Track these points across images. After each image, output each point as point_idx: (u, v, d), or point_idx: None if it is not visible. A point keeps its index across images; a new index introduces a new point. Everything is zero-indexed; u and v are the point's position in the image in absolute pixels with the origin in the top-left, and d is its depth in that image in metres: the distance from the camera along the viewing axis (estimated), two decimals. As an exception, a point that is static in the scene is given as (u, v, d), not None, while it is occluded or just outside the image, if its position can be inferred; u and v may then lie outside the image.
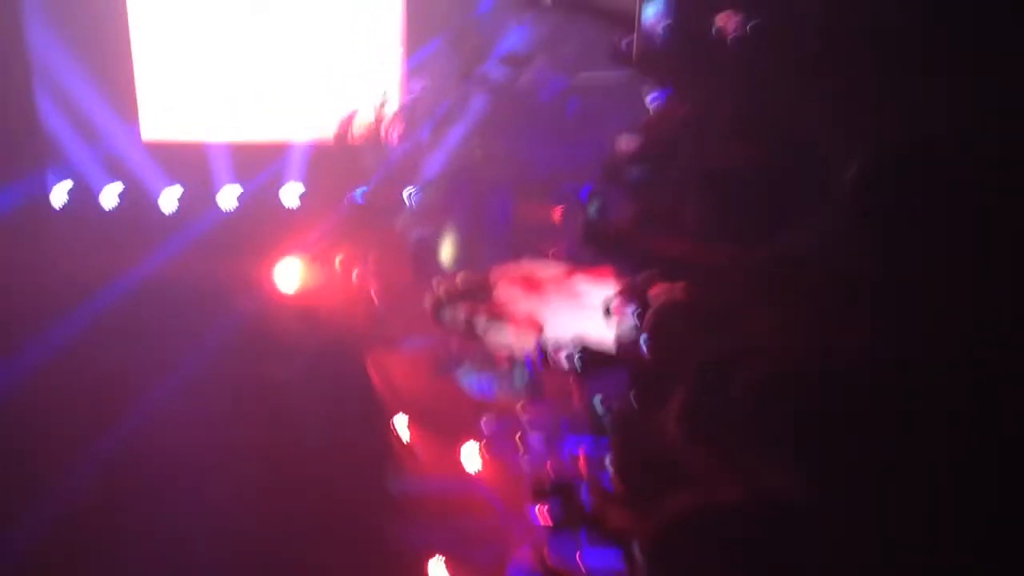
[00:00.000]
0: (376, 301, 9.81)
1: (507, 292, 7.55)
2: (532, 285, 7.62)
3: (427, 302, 7.90)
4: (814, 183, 3.64)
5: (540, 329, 7.43)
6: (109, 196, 10.61)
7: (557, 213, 9.37)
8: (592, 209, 5.60)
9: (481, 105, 9.61)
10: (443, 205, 9.71)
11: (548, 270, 7.74)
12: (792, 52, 4.10)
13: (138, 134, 10.50)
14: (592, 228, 5.46)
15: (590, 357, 5.48)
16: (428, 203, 9.74)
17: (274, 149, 10.39)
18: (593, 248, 5.53)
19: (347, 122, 9.92)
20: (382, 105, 9.85)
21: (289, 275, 9.92)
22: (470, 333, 7.56)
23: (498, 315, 7.44)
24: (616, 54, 5.93)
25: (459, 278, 8.13)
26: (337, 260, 9.99)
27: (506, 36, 9.50)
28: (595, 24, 6.83)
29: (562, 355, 5.73)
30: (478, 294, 7.55)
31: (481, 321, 7.45)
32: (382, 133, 9.87)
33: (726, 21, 4.81)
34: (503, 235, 9.47)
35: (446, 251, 9.63)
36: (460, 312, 7.46)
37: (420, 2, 10.03)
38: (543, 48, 9.36)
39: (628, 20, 5.91)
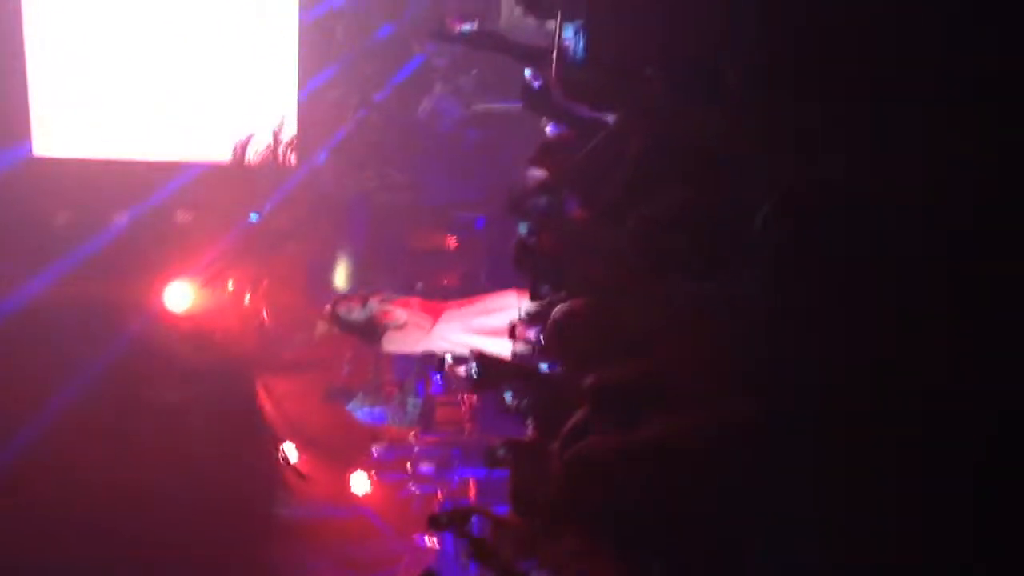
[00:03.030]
0: (268, 324, 9.76)
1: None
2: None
3: (326, 310, 7.81)
4: (736, 221, 3.65)
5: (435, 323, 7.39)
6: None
7: (451, 241, 9.47)
8: (523, 229, 5.64)
9: (378, 131, 9.65)
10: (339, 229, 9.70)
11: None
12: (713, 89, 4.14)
13: (29, 149, 10.28)
14: (523, 248, 5.47)
15: (488, 366, 5.52)
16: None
17: (169, 169, 10.25)
18: (523, 267, 5.56)
19: (244, 144, 9.87)
20: (279, 128, 9.82)
21: (180, 296, 9.77)
22: (368, 331, 7.48)
23: (396, 315, 7.40)
24: (527, 92, 6.03)
25: (359, 292, 8.09)
26: (229, 282, 9.91)
27: (403, 64, 9.56)
28: (503, 56, 6.89)
29: (460, 367, 5.76)
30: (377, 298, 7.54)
31: (380, 322, 7.39)
32: (279, 156, 9.83)
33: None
34: (397, 261, 9.51)
35: (340, 275, 9.63)
36: (359, 313, 7.42)
37: (316, 28, 10.00)
38: (441, 78, 9.45)
39: (535, 55, 6.04)
